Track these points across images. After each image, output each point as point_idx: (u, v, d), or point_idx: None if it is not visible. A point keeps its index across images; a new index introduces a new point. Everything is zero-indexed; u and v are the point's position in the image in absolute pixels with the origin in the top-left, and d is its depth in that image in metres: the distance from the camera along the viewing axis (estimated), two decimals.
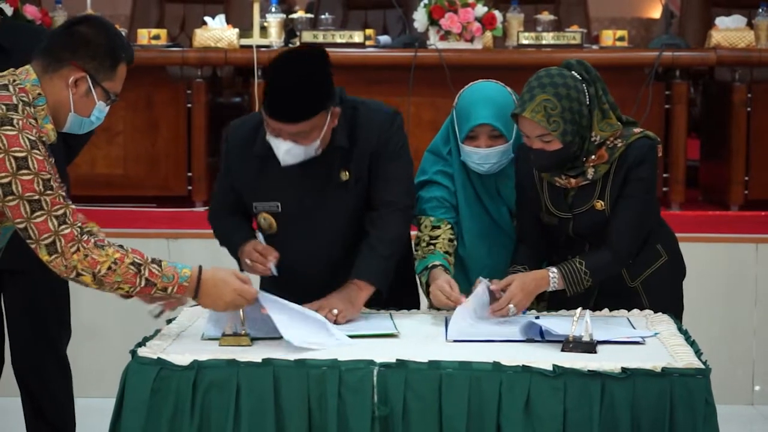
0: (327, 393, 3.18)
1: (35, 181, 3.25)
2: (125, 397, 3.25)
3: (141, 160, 6.65)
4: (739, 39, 6.68)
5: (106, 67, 3.40)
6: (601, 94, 3.73)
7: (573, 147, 3.67)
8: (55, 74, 3.37)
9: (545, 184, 3.84)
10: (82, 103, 3.41)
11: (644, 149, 3.77)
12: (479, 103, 3.98)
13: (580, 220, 3.82)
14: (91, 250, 3.30)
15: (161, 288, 3.38)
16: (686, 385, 3.16)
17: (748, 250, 6.13)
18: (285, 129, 3.66)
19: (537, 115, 3.60)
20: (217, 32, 6.64)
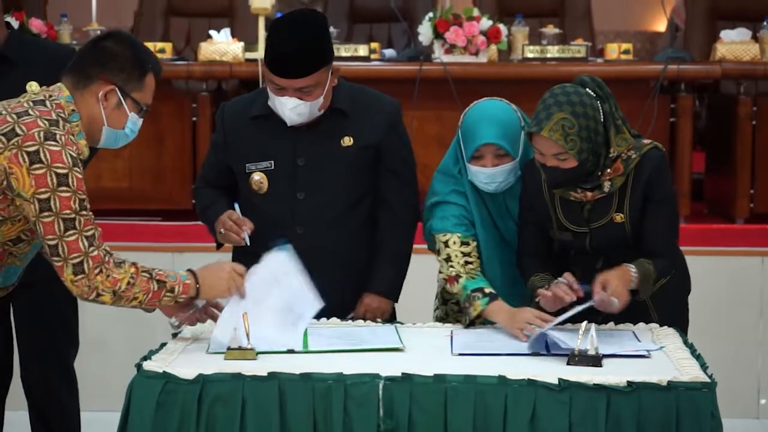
0: (332, 407, 3.18)
1: (73, 199, 3.31)
2: (131, 411, 3.26)
3: (146, 174, 6.67)
4: (744, 52, 6.68)
5: (135, 78, 3.46)
6: (614, 110, 3.72)
7: (588, 164, 3.66)
8: (86, 90, 3.43)
9: (557, 200, 3.82)
10: (115, 116, 3.47)
11: (659, 160, 3.78)
12: (483, 122, 3.96)
13: (598, 233, 3.81)
14: (112, 270, 3.37)
15: (170, 288, 3.45)
16: (692, 399, 3.16)
17: (754, 263, 6.13)
18: (291, 84, 3.85)
19: (555, 134, 3.59)
20: (222, 46, 6.66)
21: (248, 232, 3.95)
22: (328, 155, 4.03)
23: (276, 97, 3.91)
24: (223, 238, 4.02)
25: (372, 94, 4.18)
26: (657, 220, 3.79)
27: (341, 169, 4.04)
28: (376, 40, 7.72)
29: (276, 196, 4.03)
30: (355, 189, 4.08)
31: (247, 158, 4.06)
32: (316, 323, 3.84)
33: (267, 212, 4.02)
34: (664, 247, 3.81)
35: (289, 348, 3.51)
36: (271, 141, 4.03)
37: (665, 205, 3.80)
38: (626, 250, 3.80)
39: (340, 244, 4.07)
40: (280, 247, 3.70)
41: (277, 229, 3.97)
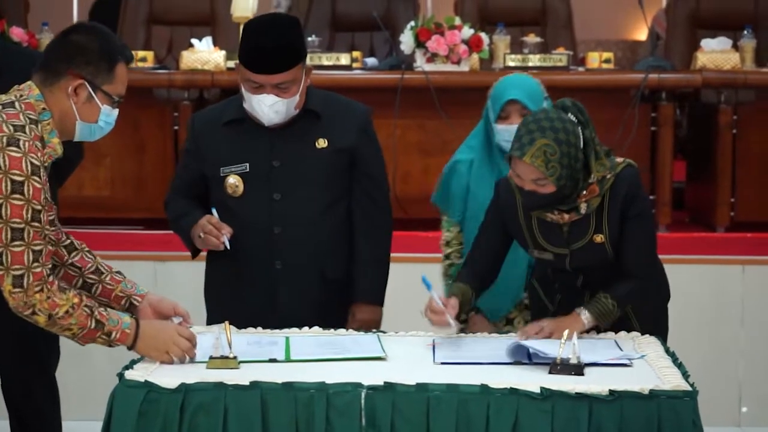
0: (315, 416, 3.18)
1: (25, 208, 3.25)
2: (112, 420, 3.25)
3: (128, 183, 6.66)
4: (724, 61, 6.71)
5: (104, 71, 3.41)
6: (594, 136, 3.72)
7: (565, 189, 3.65)
8: (55, 86, 3.39)
9: (535, 220, 3.81)
10: (87, 110, 3.43)
11: (633, 177, 3.78)
12: (510, 85, 4.18)
13: (578, 254, 3.81)
14: (54, 293, 3.32)
15: (107, 332, 3.40)
16: (674, 408, 3.17)
17: (735, 272, 6.15)
18: (269, 81, 3.92)
19: (537, 160, 3.57)
20: (204, 54, 6.66)
21: (228, 236, 3.97)
22: (303, 156, 4.08)
23: (253, 96, 3.96)
24: (203, 242, 4.03)
25: (342, 99, 4.24)
26: (633, 237, 3.80)
27: (317, 170, 4.09)
28: (358, 49, 7.73)
29: (252, 197, 4.06)
30: (330, 190, 4.13)
31: (221, 162, 4.09)
32: (298, 332, 3.85)
33: (243, 214, 4.06)
34: (640, 266, 3.83)
35: (271, 357, 3.51)
36: (246, 144, 4.08)
37: (641, 221, 3.81)
38: (607, 267, 3.83)
39: (317, 244, 4.11)
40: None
41: (254, 231, 4.01)
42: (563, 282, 3.90)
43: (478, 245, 3.97)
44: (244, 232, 4.02)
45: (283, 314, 4.02)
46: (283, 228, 4.06)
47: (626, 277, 3.80)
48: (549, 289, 3.97)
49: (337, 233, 4.15)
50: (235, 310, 3.94)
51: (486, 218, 3.97)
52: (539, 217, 3.79)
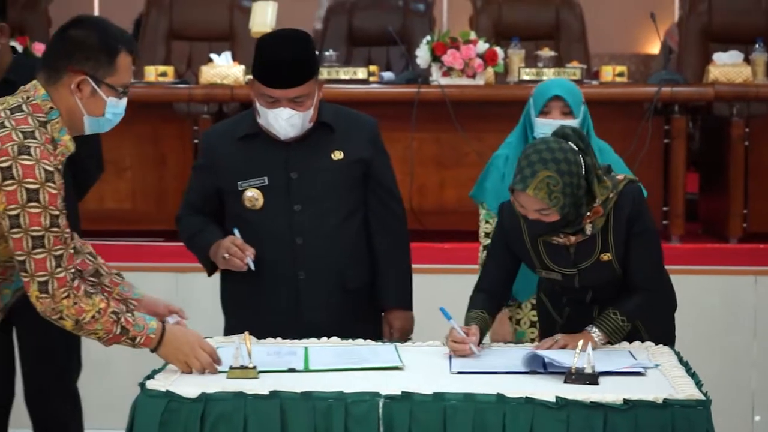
0: (333, 425, 3.18)
1: (43, 215, 3.23)
2: (134, 430, 3.26)
3: (149, 195, 6.67)
4: (736, 74, 6.70)
5: (104, 64, 3.36)
6: (595, 161, 3.70)
7: (570, 216, 3.64)
8: (59, 83, 3.35)
9: (541, 243, 3.80)
10: (92, 104, 3.38)
11: (635, 194, 3.78)
12: (556, 84, 4.40)
13: (586, 274, 3.80)
14: (80, 299, 3.31)
15: (131, 337, 3.39)
16: (687, 417, 3.16)
17: (747, 282, 6.13)
18: (285, 95, 3.93)
19: (540, 192, 3.54)
20: (223, 69, 6.67)
21: (251, 258, 3.98)
22: (320, 168, 4.09)
23: (269, 110, 3.97)
24: (227, 263, 4.02)
25: (352, 111, 4.26)
26: (639, 252, 3.79)
27: (334, 181, 4.11)
28: (375, 63, 7.73)
29: (272, 210, 4.06)
30: (348, 201, 4.14)
31: (238, 176, 4.09)
32: (317, 342, 3.85)
33: (264, 226, 4.06)
34: (647, 279, 3.83)
35: (290, 367, 3.51)
36: (263, 157, 4.08)
37: (646, 236, 3.80)
38: (615, 283, 3.83)
39: (338, 254, 4.12)
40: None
41: (276, 242, 4.01)
42: (572, 298, 3.90)
43: (488, 270, 3.98)
44: (265, 243, 4.03)
45: (305, 323, 4.02)
46: (305, 239, 4.07)
47: (634, 291, 3.80)
48: (557, 303, 3.97)
49: (355, 243, 4.16)
50: (255, 321, 3.95)
51: (493, 242, 3.98)
52: (545, 240, 3.79)
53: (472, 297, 3.94)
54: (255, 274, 4.01)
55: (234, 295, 4.19)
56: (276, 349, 3.72)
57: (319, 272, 4.07)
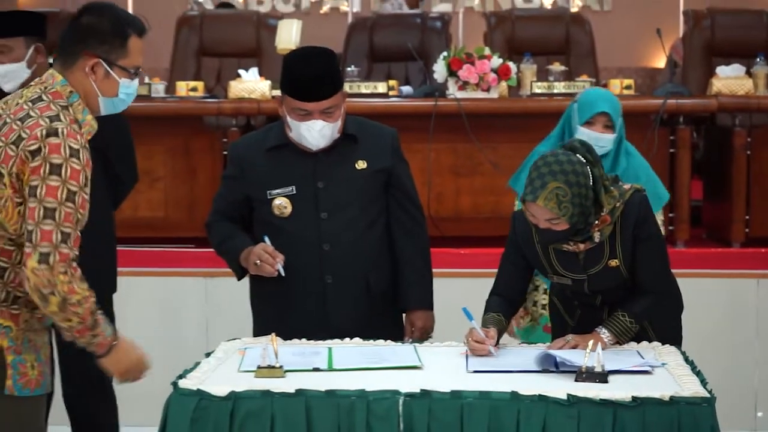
0: (356, 421, 3.19)
1: (60, 189, 3.18)
2: (167, 426, 3.28)
3: (180, 204, 6.69)
4: (738, 87, 6.69)
5: (116, 47, 3.35)
6: (602, 172, 3.70)
7: (578, 225, 3.64)
8: (74, 67, 3.34)
9: (551, 250, 3.80)
10: (106, 86, 3.37)
11: (641, 203, 3.77)
12: (601, 98, 4.45)
13: (595, 279, 3.79)
14: (75, 279, 3.22)
15: (95, 334, 3.31)
16: (693, 413, 3.16)
17: (750, 285, 6.12)
18: (317, 107, 3.95)
19: (549, 203, 3.55)
20: (250, 84, 6.69)
21: (281, 264, 3.98)
22: (345, 177, 4.09)
23: (302, 123, 3.98)
24: (258, 269, 4.02)
25: (372, 123, 4.26)
26: (646, 257, 3.78)
27: (358, 189, 4.11)
28: (394, 78, 7.74)
29: (300, 217, 4.07)
30: (371, 208, 4.15)
31: (267, 185, 4.09)
32: (340, 343, 3.86)
33: (292, 233, 4.06)
34: (654, 283, 3.82)
35: (315, 366, 3.51)
36: (291, 167, 4.08)
37: (652, 242, 3.79)
38: (624, 287, 3.82)
39: (363, 259, 4.12)
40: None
41: (305, 248, 4.02)
42: (582, 301, 3.89)
43: (502, 275, 3.97)
44: (294, 249, 4.03)
45: (332, 324, 4.03)
46: (331, 245, 4.07)
47: (642, 294, 3.79)
48: (569, 306, 3.96)
49: (378, 248, 4.16)
50: (283, 322, 3.96)
51: (507, 248, 3.97)
52: (556, 247, 3.78)
53: (488, 300, 3.94)
54: (284, 278, 4.01)
55: (263, 298, 4.19)
56: (301, 350, 3.72)
57: (344, 276, 4.08)
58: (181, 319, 6.16)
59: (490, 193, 6.47)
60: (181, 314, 6.17)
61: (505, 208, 5.81)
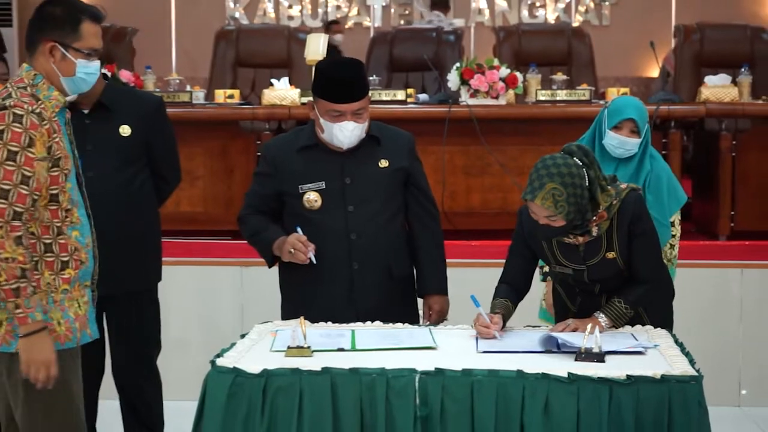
0: (376, 397, 3.19)
1: (15, 173, 3.20)
2: (206, 401, 3.28)
3: (218, 201, 6.70)
4: (724, 94, 6.67)
5: (69, 31, 3.38)
6: (599, 173, 3.69)
7: (575, 222, 3.64)
8: (37, 53, 3.39)
9: (554, 242, 3.80)
10: (64, 67, 3.39)
11: (636, 201, 3.77)
12: (630, 105, 4.42)
13: (594, 269, 3.79)
14: (9, 238, 3.18)
15: (17, 305, 3.22)
16: (682, 390, 3.16)
17: (735, 275, 6.09)
18: (350, 108, 3.97)
19: (546, 202, 3.56)
20: (282, 92, 6.69)
21: (313, 252, 3.99)
22: (370, 174, 4.09)
23: (334, 124, 3.98)
24: (292, 257, 4.02)
25: (391, 127, 4.25)
26: (640, 250, 3.77)
27: (381, 186, 4.11)
28: (412, 86, 7.75)
29: (330, 210, 4.06)
30: (392, 202, 4.14)
31: (299, 181, 4.09)
32: (362, 326, 3.86)
33: (322, 224, 4.05)
34: (649, 273, 3.81)
35: (340, 347, 3.52)
36: (321, 165, 4.08)
37: (646, 237, 3.79)
38: (620, 277, 3.82)
39: (386, 248, 4.11)
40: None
41: (334, 237, 4.02)
42: (582, 288, 3.89)
43: (510, 265, 3.96)
44: (323, 238, 4.03)
45: (358, 306, 4.03)
46: (358, 234, 4.07)
47: (637, 284, 3.79)
48: (570, 292, 3.95)
49: (399, 238, 4.17)
50: (312, 305, 3.96)
51: (514, 240, 3.96)
52: (558, 240, 3.78)
53: (497, 288, 3.94)
54: (314, 265, 4.02)
55: (292, 283, 4.19)
56: (327, 332, 3.73)
57: (369, 263, 4.08)
58: (219, 304, 6.17)
59: (498, 191, 6.47)
60: (218, 300, 6.18)
61: (511, 205, 5.84)
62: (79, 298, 3.44)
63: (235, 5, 12.60)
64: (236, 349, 3.50)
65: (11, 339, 3.30)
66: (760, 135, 6.66)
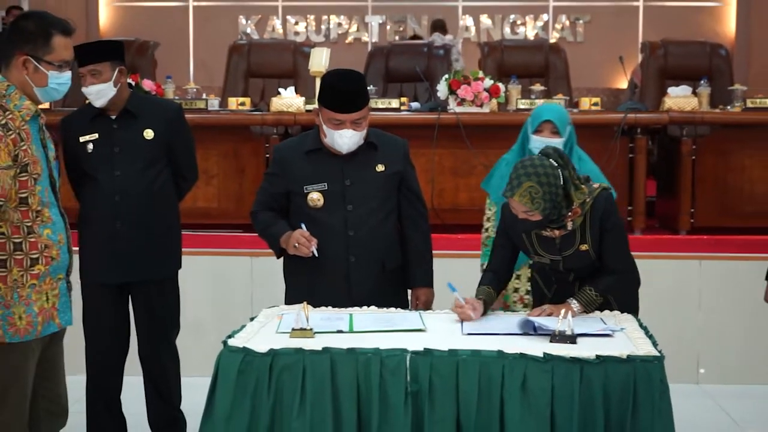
0: (371, 374, 3.19)
1: None
2: (218, 377, 3.28)
3: (230, 197, 6.69)
4: (685, 104, 6.66)
5: (41, 45, 3.33)
6: (573, 173, 3.71)
7: (551, 216, 3.67)
8: (10, 65, 3.34)
9: (533, 235, 3.82)
10: (37, 78, 3.35)
11: (607, 199, 3.79)
12: (548, 109, 4.35)
13: (569, 259, 3.81)
14: None
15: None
16: (646, 369, 3.16)
17: (694, 266, 6.10)
18: (349, 118, 3.94)
19: (524, 198, 3.60)
20: (288, 100, 6.68)
21: (315, 247, 3.98)
22: (367, 177, 4.08)
23: (335, 131, 3.96)
24: (296, 250, 4.01)
25: (386, 134, 4.24)
26: (610, 244, 3.79)
27: (377, 187, 4.10)
28: (405, 95, 7.71)
29: (331, 208, 4.06)
30: (386, 203, 4.14)
31: (304, 182, 4.08)
32: (359, 310, 3.86)
33: (324, 221, 4.05)
34: (617, 264, 3.82)
35: (339, 329, 3.52)
36: (324, 168, 4.07)
37: (616, 232, 3.80)
38: (592, 267, 3.82)
39: (380, 243, 4.11)
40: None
41: (334, 233, 4.01)
42: (558, 277, 3.89)
43: (494, 256, 3.98)
44: (325, 234, 4.02)
45: (354, 295, 4.02)
46: (355, 231, 4.06)
47: (607, 273, 3.80)
48: (547, 280, 3.96)
49: (391, 235, 4.16)
50: (313, 293, 3.96)
51: (497, 233, 3.98)
52: (537, 233, 3.79)
53: (482, 276, 3.95)
54: (316, 257, 4.01)
55: (295, 273, 4.18)
56: (327, 316, 3.73)
57: (365, 257, 4.07)
58: (230, 290, 6.17)
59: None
60: (230, 286, 6.18)
61: None
62: (49, 291, 3.41)
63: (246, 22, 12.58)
64: (246, 331, 3.50)
65: None
66: (717, 140, 6.67)
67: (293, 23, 12.58)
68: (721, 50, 8.47)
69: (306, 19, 12.59)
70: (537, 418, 3.12)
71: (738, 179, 6.66)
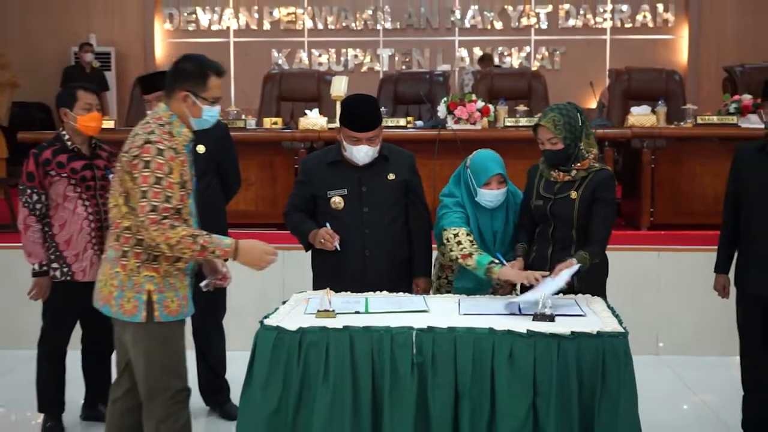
0: (383, 348, 3.20)
1: (150, 177, 3.20)
2: (256, 351, 3.30)
3: (266, 201, 6.71)
4: (645, 121, 6.66)
5: (199, 84, 3.34)
6: (588, 125, 3.83)
7: (570, 149, 3.75)
8: (173, 99, 3.35)
9: (542, 180, 3.89)
10: (194, 110, 3.36)
11: (608, 175, 3.83)
12: (490, 161, 4.00)
13: (557, 202, 3.83)
14: (166, 230, 3.20)
15: (211, 251, 3.24)
16: (613, 343, 3.16)
17: (653, 257, 6.09)
18: (365, 135, 3.92)
19: (549, 123, 3.73)
20: (313, 120, 6.70)
21: (338, 242, 3.98)
22: (380, 185, 4.07)
23: (353, 147, 3.96)
24: (322, 245, 4.01)
25: (396, 147, 4.21)
26: (599, 212, 3.79)
27: (389, 193, 4.09)
28: (411, 115, 7.73)
29: (350, 210, 4.05)
30: (396, 206, 4.12)
31: (327, 188, 4.08)
32: (373, 295, 3.86)
33: (344, 221, 4.04)
34: (601, 233, 3.80)
35: (356, 310, 3.52)
36: (344, 176, 4.06)
37: (606, 203, 3.80)
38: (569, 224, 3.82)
39: (390, 240, 4.10)
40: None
41: (353, 231, 4.01)
42: (541, 230, 3.90)
43: (523, 217, 4.00)
44: (345, 232, 4.02)
45: (369, 282, 4.02)
46: (370, 230, 4.06)
47: (593, 242, 3.78)
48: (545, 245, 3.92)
49: (400, 233, 4.14)
50: (335, 281, 3.96)
51: (523, 200, 4.02)
52: (545, 177, 3.87)
53: (515, 232, 4.00)
54: (338, 251, 4.01)
55: (321, 264, 4.19)
56: (347, 299, 3.73)
57: (378, 251, 4.06)
58: (266, 279, 6.15)
59: None
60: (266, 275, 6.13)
61: None
62: (186, 282, 3.45)
63: (278, 54, 12.60)
64: (279, 313, 3.51)
65: (136, 311, 3.30)
66: (672, 151, 6.66)
67: (317, 55, 12.60)
68: (675, 76, 8.45)
69: (328, 52, 12.60)
70: (522, 384, 3.13)
71: (690, 184, 6.66)
